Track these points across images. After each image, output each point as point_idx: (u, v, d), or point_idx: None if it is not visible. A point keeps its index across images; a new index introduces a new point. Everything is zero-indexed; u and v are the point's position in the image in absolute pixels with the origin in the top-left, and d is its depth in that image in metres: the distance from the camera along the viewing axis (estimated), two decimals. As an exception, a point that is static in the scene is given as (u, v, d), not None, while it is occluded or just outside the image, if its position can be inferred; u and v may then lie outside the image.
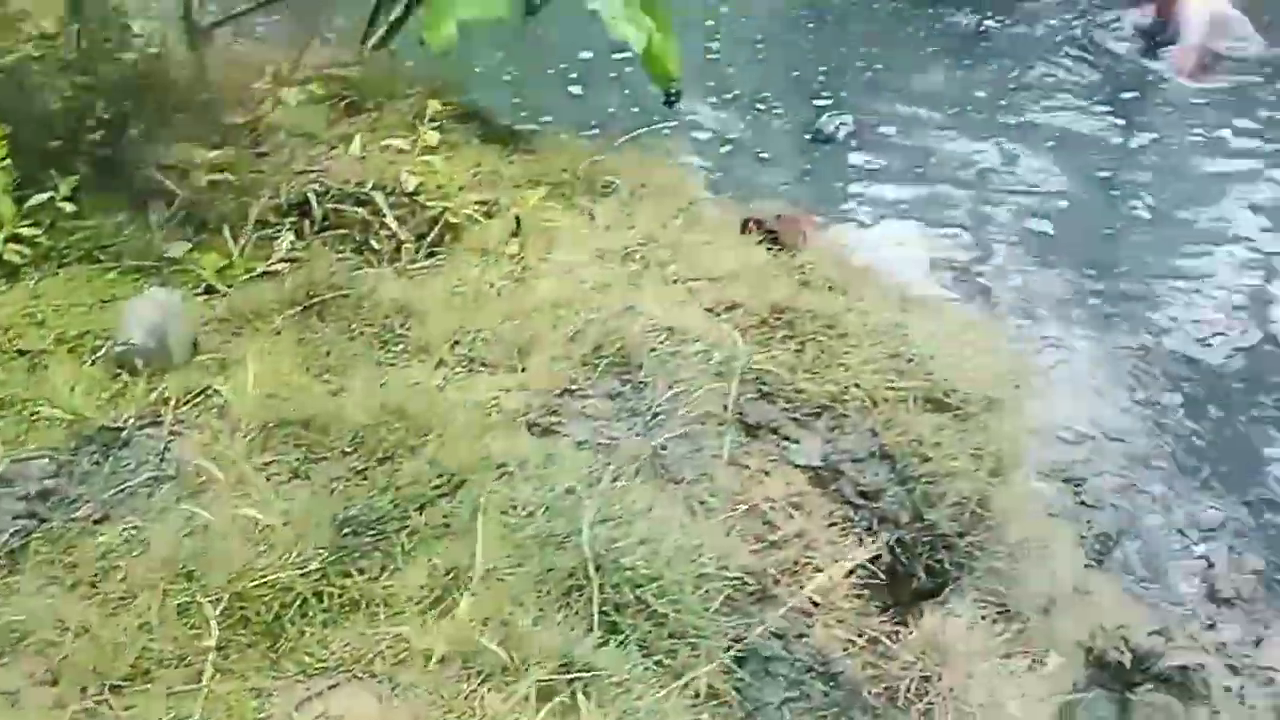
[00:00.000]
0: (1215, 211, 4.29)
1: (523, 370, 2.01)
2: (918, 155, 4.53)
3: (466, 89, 3.08)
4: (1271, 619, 2.87)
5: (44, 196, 2.15)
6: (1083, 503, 2.85)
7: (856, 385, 2.27)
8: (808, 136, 4.53)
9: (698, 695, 1.51)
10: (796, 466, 2.07)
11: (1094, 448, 3.11)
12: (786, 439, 2.14)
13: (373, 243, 2.28)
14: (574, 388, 1.98)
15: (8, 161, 2.11)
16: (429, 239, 2.31)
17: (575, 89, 4.46)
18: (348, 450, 1.77)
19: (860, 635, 1.85)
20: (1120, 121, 4.85)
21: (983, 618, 2.03)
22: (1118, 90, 5.08)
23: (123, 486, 1.72)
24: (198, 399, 1.89)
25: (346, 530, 1.60)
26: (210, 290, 2.15)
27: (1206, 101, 4.92)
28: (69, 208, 2.17)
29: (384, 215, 2.27)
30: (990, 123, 4.76)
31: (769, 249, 2.63)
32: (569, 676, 1.42)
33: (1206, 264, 4.00)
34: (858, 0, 5.74)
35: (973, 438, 2.27)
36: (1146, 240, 4.16)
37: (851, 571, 1.89)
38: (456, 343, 2.05)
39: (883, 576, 1.98)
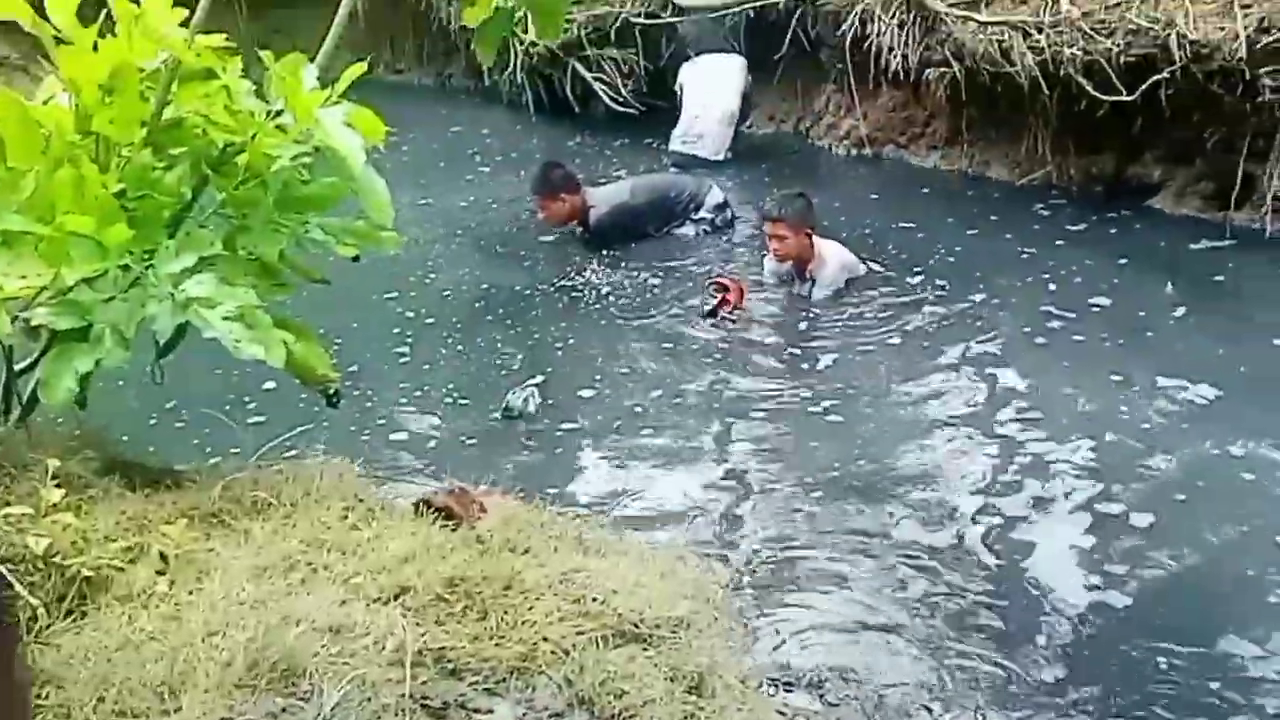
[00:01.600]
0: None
1: (176, 711, 1.89)
2: (611, 414, 4.69)
3: (118, 436, 3.01)
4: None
5: None
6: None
7: (544, 639, 2.26)
8: (499, 415, 4.61)
9: None
10: (489, 737, 2.01)
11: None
12: (476, 711, 2.08)
13: (4, 619, 2.13)
14: (232, 716, 1.88)
15: None
16: (69, 598, 2.19)
17: (248, 408, 4.46)
18: None
19: None
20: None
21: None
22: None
23: None
24: None
25: None
26: None
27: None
28: None
29: (10, 588, 2.13)
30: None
31: (443, 526, 2.63)
32: None
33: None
34: (530, 290, 6.04)
35: (667, 660, 2.28)
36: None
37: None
38: (101, 699, 1.92)
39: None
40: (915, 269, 5.94)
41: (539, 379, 4.86)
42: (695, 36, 8.44)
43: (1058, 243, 6.26)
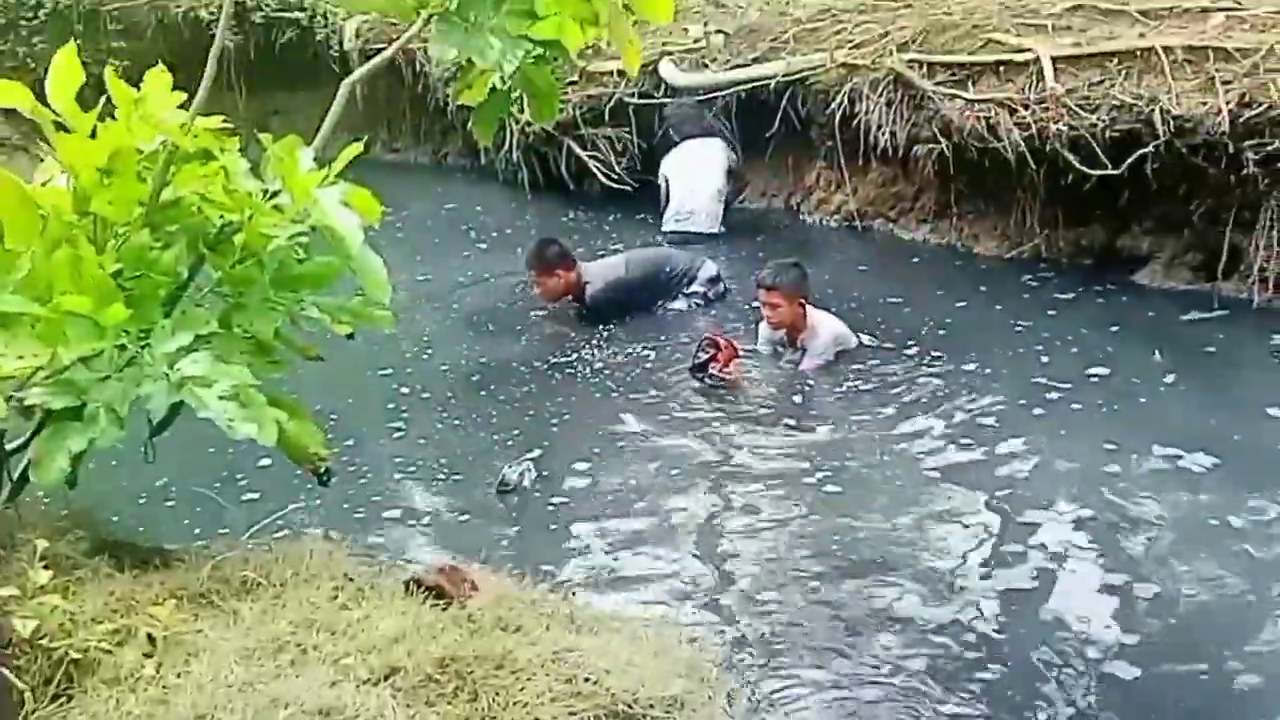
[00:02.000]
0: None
1: (163, 797, 1.87)
2: (606, 488, 4.68)
3: (108, 515, 3.01)
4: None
5: None
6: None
7: (536, 720, 2.24)
8: (493, 490, 4.60)
9: None
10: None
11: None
12: (468, 795, 2.06)
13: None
14: (220, 801, 1.85)
15: None
16: (55, 681, 2.17)
17: (240, 486, 4.45)
18: None
19: None
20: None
21: None
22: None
23: None
24: None
25: None
26: None
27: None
28: None
29: (-2, 671, 2.12)
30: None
31: (434, 605, 2.62)
32: None
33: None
34: (526, 365, 6.06)
35: (662, 741, 2.25)
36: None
37: None
38: (85, 786, 1.89)
39: None
40: (908, 340, 5.97)
41: (534, 454, 4.86)
42: (677, 120, 8.54)
43: (1048, 313, 6.30)
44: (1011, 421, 5.05)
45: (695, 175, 8.07)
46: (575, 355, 6.13)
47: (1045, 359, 5.66)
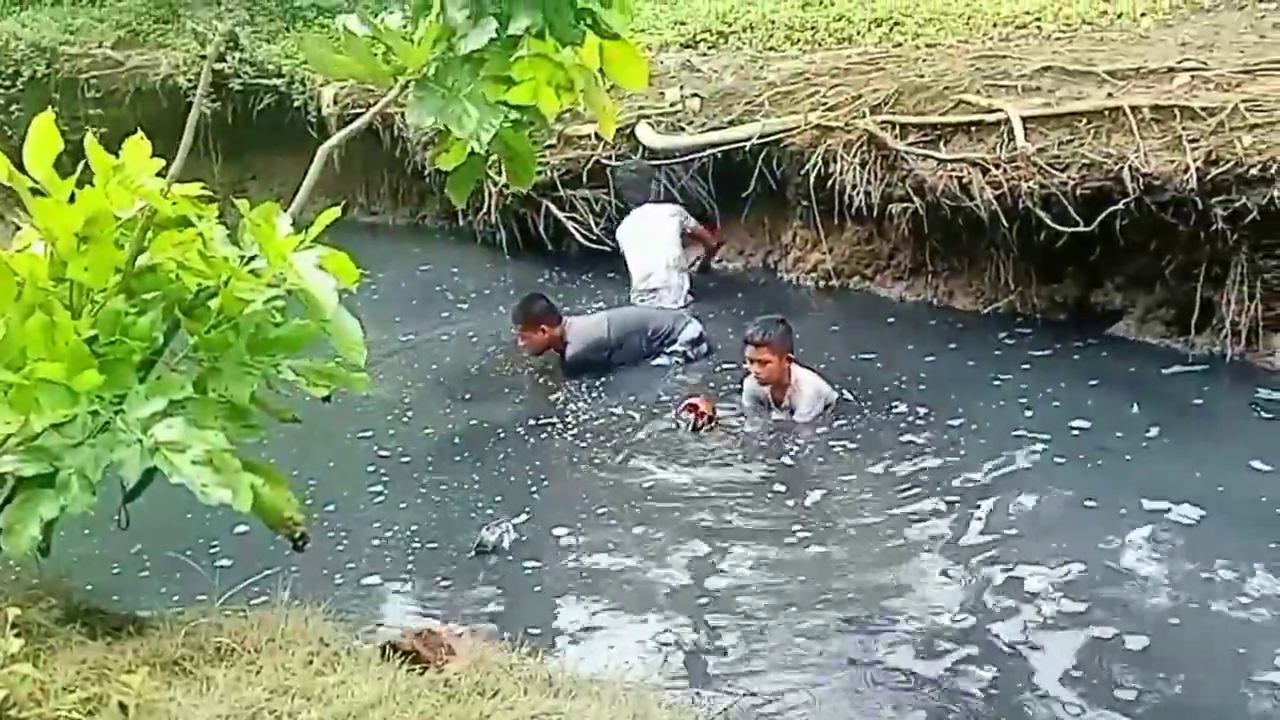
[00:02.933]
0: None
1: None
2: (586, 549, 4.66)
3: (81, 582, 2.97)
4: None
5: None
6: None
7: (513, 786, 2.21)
8: (471, 552, 4.58)
9: None
10: None
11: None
12: None
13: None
14: None
15: None
16: (25, 754, 2.13)
17: (216, 552, 4.41)
18: None
19: None
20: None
21: None
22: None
23: None
24: None
25: None
26: None
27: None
28: None
29: (-34, 742, 2.08)
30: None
31: (410, 670, 2.59)
32: None
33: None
34: (506, 427, 6.05)
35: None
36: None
37: None
38: None
39: None
40: (889, 397, 6.01)
41: (513, 516, 4.84)
42: (623, 184, 8.64)
43: (1025, 368, 6.36)
44: (995, 476, 5.09)
45: (648, 246, 8.02)
46: (556, 417, 6.15)
47: (1027, 413, 5.71)
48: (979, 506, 4.81)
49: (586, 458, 5.63)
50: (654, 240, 8.00)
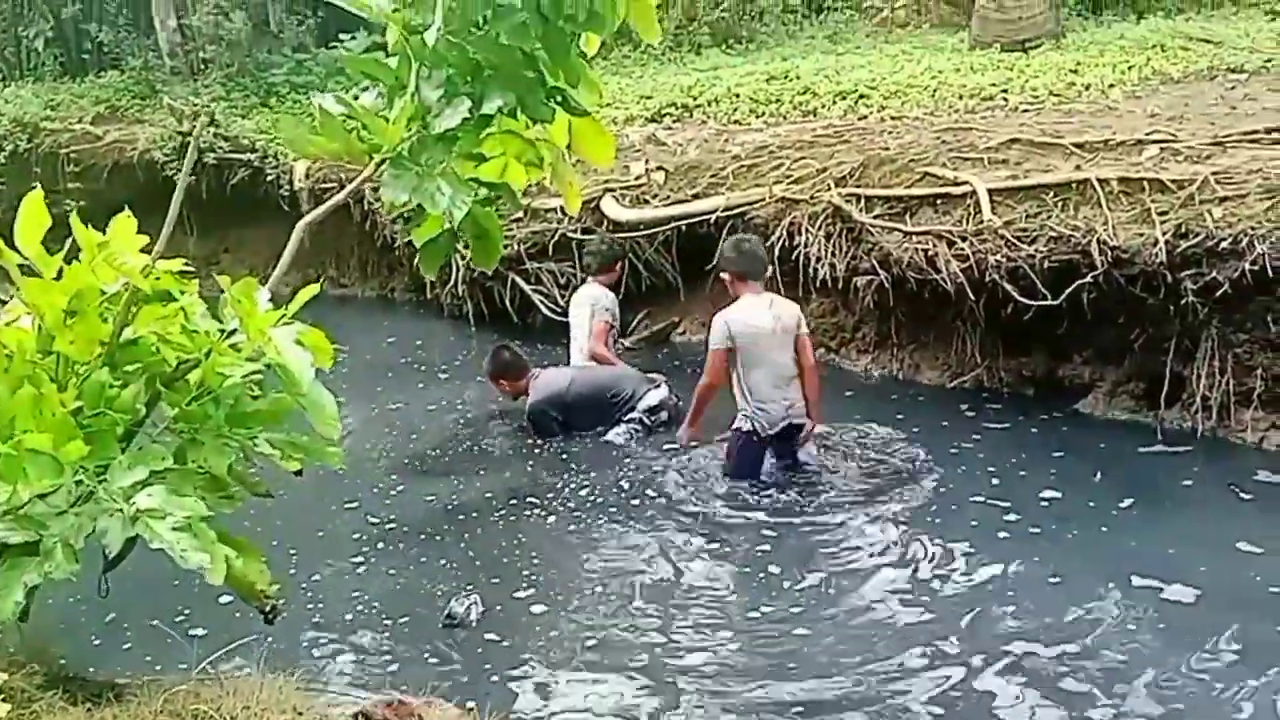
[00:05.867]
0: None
1: None
2: (555, 621, 4.69)
3: (63, 650, 3.00)
4: None
5: None
6: None
7: None
8: (441, 624, 4.61)
9: None
10: None
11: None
12: None
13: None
14: None
15: None
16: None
17: (195, 621, 4.44)
18: None
19: None
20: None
21: None
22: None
23: None
24: None
25: None
26: None
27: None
28: None
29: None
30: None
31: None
32: None
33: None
34: (479, 497, 6.12)
35: None
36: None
37: None
38: None
39: None
40: (858, 472, 6.04)
41: (483, 587, 4.88)
42: (591, 251, 8.40)
43: (995, 442, 6.34)
44: (978, 549, 5.05)
45: (577, 332, 7.81)
46: (525, 489, 6.19)
47: (994, 485, 5.72)
48: (960, 582, 4.80)
49: (555, 530, 5.67)
50: (580, 330, 7.80)
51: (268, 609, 2.94)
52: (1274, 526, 5.09)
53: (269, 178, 11.23)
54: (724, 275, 6.25)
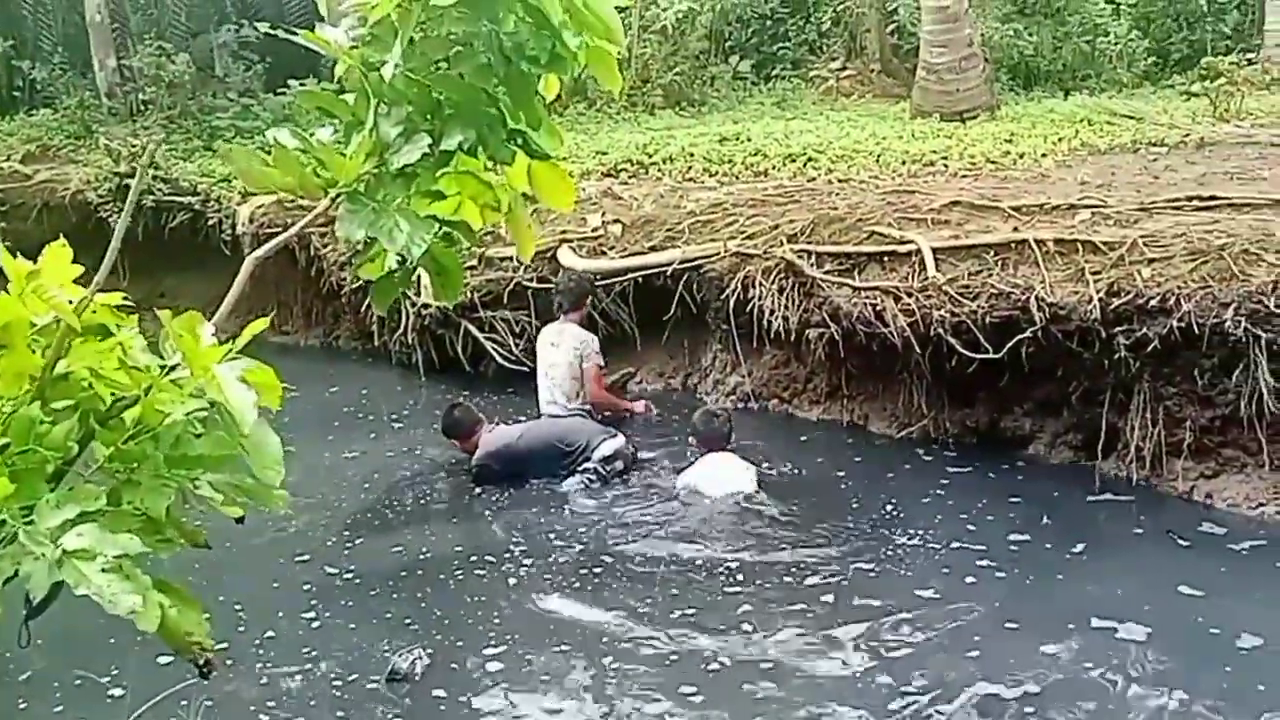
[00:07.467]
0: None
1: None
2: (502, 676, 4.54)
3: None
4: None
5: None
6: None
7: None
8: (385, 678, 4.44)
9: None
10: None
11: None
12: None
13: None
14: None
15: None
16: None
17: (128, 673, 4.18)
18: None
19: None
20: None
21: None
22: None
23: None
24: None
25: None
26: None
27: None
28: None
29: None
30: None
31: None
32: None
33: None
34: (431, 549, 5.96)
35: None
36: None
37: None
38: None
39: None
40: (814, 520, 6.00)
41: (429, 642, 4.73)
42: (561, 289, 8.15)
43: (940, 491, 6.42)
44: (915, 594, 5.09)
45: (552, 373, 7.67)
46: (481, 540, 6.10)
47: (941, 532, 5.76)
48: (901, 625, 4.81)
49: (507, 582, 5.54)
50: (555, 369, 7.66)
51: (201, 663, 2.77)
52: (1211, 572, 5.26)
53: (210, 221, 11.03)
54: (690, 440, 6.64)
